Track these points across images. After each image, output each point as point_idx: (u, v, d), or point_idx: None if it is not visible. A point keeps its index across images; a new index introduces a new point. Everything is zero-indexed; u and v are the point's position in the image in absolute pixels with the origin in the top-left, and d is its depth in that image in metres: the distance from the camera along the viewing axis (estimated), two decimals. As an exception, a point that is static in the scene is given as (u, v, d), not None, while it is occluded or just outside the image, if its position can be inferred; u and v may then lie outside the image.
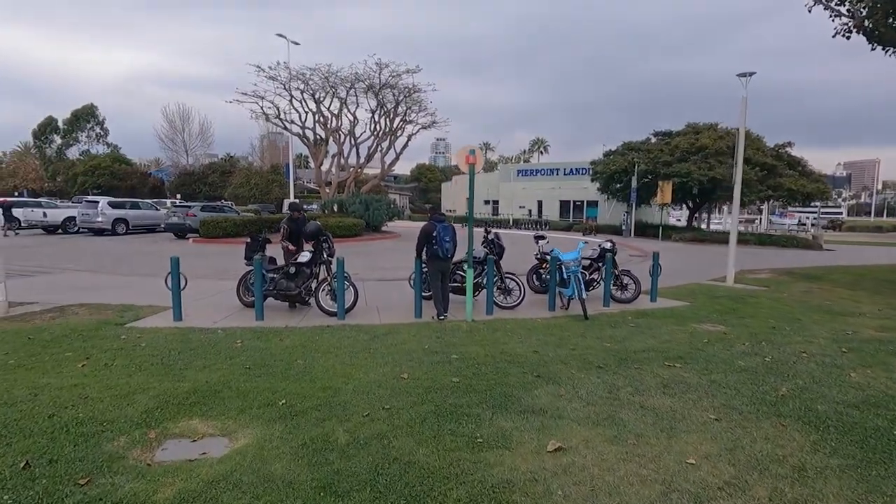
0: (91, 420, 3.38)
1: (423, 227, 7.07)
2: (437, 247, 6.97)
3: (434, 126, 26.84)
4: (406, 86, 23.83)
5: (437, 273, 7.17)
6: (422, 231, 7.05)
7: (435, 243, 6.99)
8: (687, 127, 31.00)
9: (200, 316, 7.01)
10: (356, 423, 3.43)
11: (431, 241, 7.00)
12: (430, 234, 6.99)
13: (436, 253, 7.02)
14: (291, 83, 23.02)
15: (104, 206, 22.38)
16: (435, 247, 7.00)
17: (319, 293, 7.22)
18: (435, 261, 7.10)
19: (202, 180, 53.10)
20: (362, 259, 14.68)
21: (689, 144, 27.54)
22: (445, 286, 7.35)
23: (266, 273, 7.55)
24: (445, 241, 7.04)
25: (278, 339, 5.69)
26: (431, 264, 7.14)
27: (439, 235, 6.99)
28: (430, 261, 7.13)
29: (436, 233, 6.97)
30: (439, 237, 6.98)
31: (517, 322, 6.81)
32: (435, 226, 7.04)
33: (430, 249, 7.03)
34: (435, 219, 7.16)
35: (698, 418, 3.62)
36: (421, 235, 7.05)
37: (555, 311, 7.76)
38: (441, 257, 7.05)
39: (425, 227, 7.05)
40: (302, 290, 7.26)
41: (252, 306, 7.56)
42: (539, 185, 45.67)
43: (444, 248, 7.02)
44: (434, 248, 7.01)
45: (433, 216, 7.21)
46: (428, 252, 7.08)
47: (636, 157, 29.38)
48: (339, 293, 6.86)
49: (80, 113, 61.73)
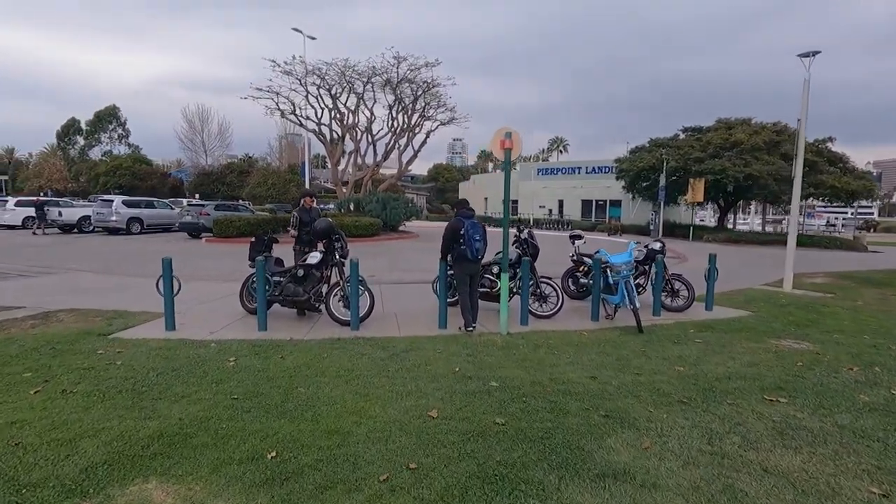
0: (8, 483, 2.48)
1: (450, 224, 6.10)
2: (465, 247, 5.98)
3: (454, 122, 25.87)
4: (425, 80, 22.91)
5: (464, 277, 6.17)
6: (448, 229, 6.08)
7: (463, 243, 5.99)
8: (718, 122, 29.44)
9: (197, 324, 6.15)
10: (370, 494, 2.45)
11: (459, 240, 6.01)
12: (457, 233, 6.00)
13: (464, 254, 6.03)
14: (307, 78, 22.31)
15: (118, 205, 21.97)
16: (463, 247, 6.01)
17: (331, 299, 6.30)
18: (463, 263, 6.12)
19: (220, 180, 53.15)
20: (379, 260, 13.78)
21: (722, 140, 26.03)
22: (474, 292, 6.37)
23: (271, 276, 6.67)
24: (475, 240, 6.03)
25: (279, 356, 4.77)
26: (459, 267, 6.16)
27: (468, 234, 5.99)
28: (457, 263, 6.15)
29: (464, 230, 5.98)
30: (468, 236, 5.99)
31: (560, 336, 5.77)
32: (462, 222, 6.05)
33: (458, 250, 6.05)
34: (462, 214, 6.18)
35: (854, 493, 2.55)
36: (447, 234, 6.08)
37: (598, 321, 6.71)
38: (470, 259, 6.05)
39: (452, 224, 6.08)
40: (311, 295, 6.35)
41: (253, 312, 6.71)
42: (560, 183, 44.35)
43: (473, 248, 6.02)
44: (462, 248, 6.02)
45: (460, 211, 6.22)
46: (454, 253, 6.10)
47: (665, 154, 27.95)
48: (353, 300, 5.93)
49: (102, 114, 62.52)
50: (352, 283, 5.92)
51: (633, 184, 30.61)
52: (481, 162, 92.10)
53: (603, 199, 42.31)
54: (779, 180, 23.89)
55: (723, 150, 25.74)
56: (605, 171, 42.36)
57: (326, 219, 6.53)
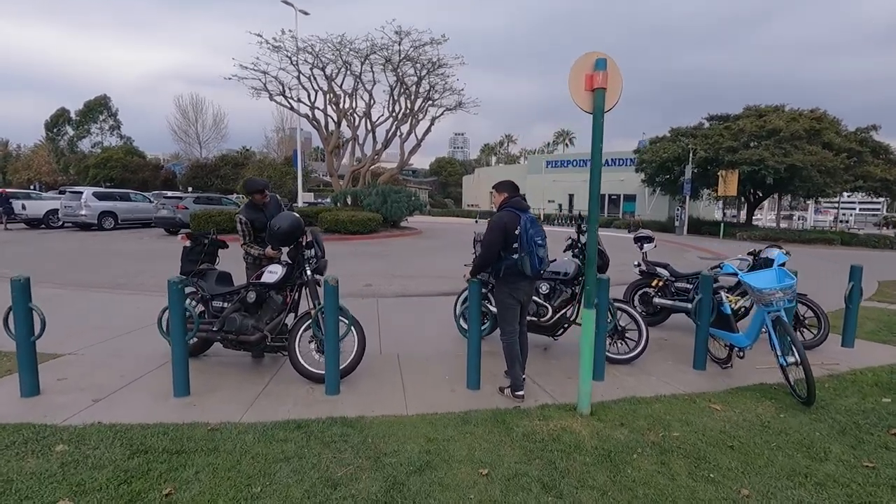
0: None
1: (498, 219, 3.75)
2: (523, 255, 3.65)
3: (461, 108, 23.48)
4: (430, 59, 20.51)
5: (513, 304, 3.85)
6: (496, 227, 3.72)
7: (520, 249, 3.67)
8: (746, 110, 27.07)
9: (84, 379, 3.89)
10: None
11: (512, 245, 3.71)
12: (511, 233, 3.70)
13: (518, 268, 3.69)
14: (299, 56, 19.93)
15: (89, 197, 19.68)
16: (516, 256, 3.68)
17: (297, 339, 4.02)
18: (516, 282, 3.79)
19: (214, 173, 51.10)
20: (378, 262, 11.50)
21: (757, 128, 23.62)
22: (524, 328, 4.10)
23: (209, 301, 4.39)
24: (538, 244, 3.70)
25: (168, 483, 2.49)
26: (507, 288, 3.82)
27: (527, 235, 3.66)
28: (505, 282, 3.81)
29: (520, 230, 3.67)
30: (527, 238, 3.66)
31: (678, 412, 3.44)
32: (518, 217, 3.73)
33: (507, 262, 3.73)
34: (514, 205, 3.85)
35: None
36: (494, 235, 3.71)
37: (703, 368, 4.44)
38: (529, 275, 3.71)
39: (503, 219, 3.73)
40: (267, 332, 4.07)
41: (193, 353, 4.48)
42: (571, 177, 42.04)
43: (535, 257, 3.68)
44: (515, 257, 3.69)
45: (510, 201, 3.87)
46: (501, 267, 3.78)
47: (691, 143, 25.57)
48: (329, 346, 3.64)
49: (92, 104, 60.08)
50: (327, 318, 3.64)
51: (654, 176, 28.26)
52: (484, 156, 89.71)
53: (617, 193, 40.07)
54: (823, 172, 21.52)
55: (758, 139, 23.36)
56: (620, 163, 40.01)
57: (291, 214, 4.21)
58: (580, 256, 5.00)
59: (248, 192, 4.57)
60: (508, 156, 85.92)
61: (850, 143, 23.27)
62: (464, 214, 44.75)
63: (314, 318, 3.69)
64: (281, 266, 4.22)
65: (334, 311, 3.61)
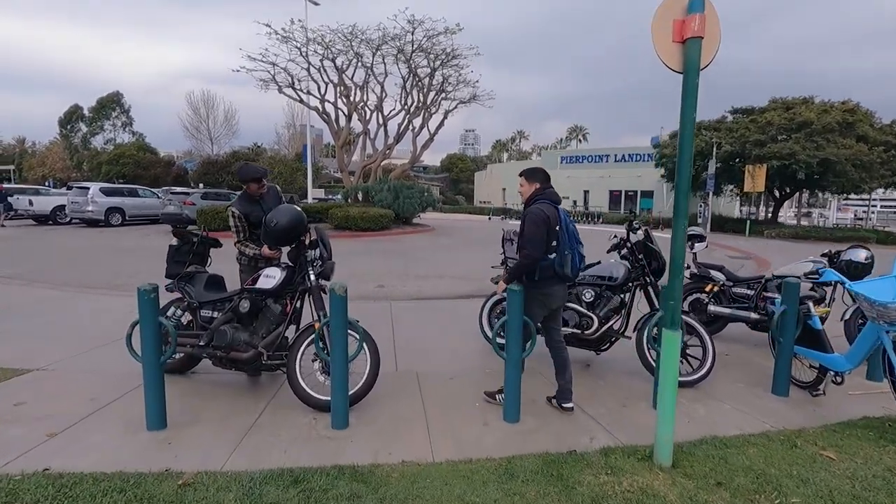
0: None
1: (539, 211, 3.15)
2: (566, 254, 3.12)
3: (476, 101, 22.69)
4: (444, 49, 19.75)
5: (543, 309, 3.29)
6: (540, 219, 3.12)
7: (560, 247, 3.15)
8: (772, 102, 25.90)
9: (41, 409, 3.24)
10: None
11: (551, 241, 3.15)
12: (552, 228, 3.13)
13: (555, 268, 3.14)
14: (308, 47, 19.29)
15: (95, 193, 19.28)
16: (556, 256, 3.13)
17: (298, 357, 3.33)
18: (551, 285, 3.24)
19: (225, 169, 50.91)
20: (391, 261, 10.82)
21: (786, 120, 22.50)
22: (562, 343, 3.43)
23: (196, 310, 3.74)
24: (578, 239, 3.28)
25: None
26: (540, 292, 3.23)
27: (568, 229, 3.17)
28: (540, 285, 3.21)
29: (561, 225, 3.16)
30: (569, 234, 3.17)
31: (778, 457, 2.70)
32: (557, 210, 3.18)
33: (543, 261, 3.16)
34: (549, 197, 3.24)
35: None
36: (540, 230, 3.11)
37: (785, 394, 3.68)
38: (569, 276, 3.18)
39: (543, 212, 3.14)
40: (262, 349, 3.39)
41: (179, 370, 3.88)
42: (586, 172, 41.00)
43: (577, 255, 3.21)
44: (552, 257, 3.15)
45: (543, 192, 3.26)
46: (537, 267, 3.17)
47: (715, 137, 24.50)
48: (337, 370, 2.95)
49: (105, 101, 60.19)
50: (333, 337, 2.95)
51: (675, 172, 27.16)
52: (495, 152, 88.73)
53: (633, 189, 38.93)
54: (858, 167, 20.39)
55: (787, 132, 22.25)
56: (637, 158, 38.97)
57: (291, 207, 3.52)
58: (630, 258, 4.27)
59: (243, 180, 3.86)
60: (520, 152, 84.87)
61: (886, 135, 22.06)
62: (476, 211, 43.97)
63: (317, 336, 2.99)
64: (279, 269, 3.53)
65: (342, 327, 2.92)
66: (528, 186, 3.32)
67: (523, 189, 3.36)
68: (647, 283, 4.18)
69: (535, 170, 3.40)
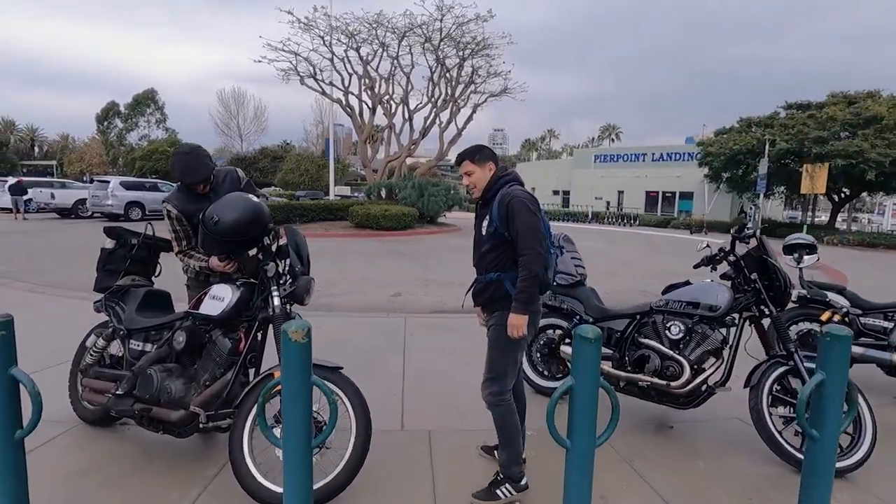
0: None
1: (522, 193, 2.30)
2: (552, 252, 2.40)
3: (507, 93, 21.42)
4: (474, 37, 18.55)
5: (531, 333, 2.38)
6: (532, 202, 2.29)
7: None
8: (832, 97, 23.71)
9: None
10: None
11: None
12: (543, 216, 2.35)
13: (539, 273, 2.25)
14: (332, 35, 18.42)
15: (115, 187, 18.99)
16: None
17: (246, 427, 2.21)
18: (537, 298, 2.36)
19: (253, 165, 51.34)
20: (411, 264, 9.73)
21: (851, 115, 20.36)
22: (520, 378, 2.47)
23: (128, 338, 2.70)
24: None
25: None
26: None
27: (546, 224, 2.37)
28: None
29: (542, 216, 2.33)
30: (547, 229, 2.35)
31: None
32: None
33: None
34: (515, 180, 2.43)
35: None
36: (536, 214, 2.26)
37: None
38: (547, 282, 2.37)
39: (528, 194, 2.33)
40: (198, 408, 2.29)
41: (101, 420, 2.82)
42: (621, 172, 39.05)
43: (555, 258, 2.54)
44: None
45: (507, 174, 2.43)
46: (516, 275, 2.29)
47: (769, 134, 22.48)
48: (292, 462, 1.80)
49: (140, 97, 61.48)
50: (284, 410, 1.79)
51: (720, 172, 25.27)
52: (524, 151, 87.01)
53: (671, 190, 36.81)
54: (939, 166, 18.17)
55: (853, 128, 20.13)
56: (676, 158, 36.83)
57: (244, 197, 2.38)
58: (737, 278, 3.00)
59: (181, 160, 2.68)
60: (550, 151, 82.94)
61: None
62: (504, 211, 42.54)
63: (259, 408, 1.84)
64: (232, 288, 2.44)
65: (301, 391, 1.76)
66: (481, 171, 2.38)
67: (474, 177, 2.38)
68: (761, 314, 2.92)
69: (479, 148, 2.44)
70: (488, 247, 2.32)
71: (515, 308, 2.19)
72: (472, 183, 2.39)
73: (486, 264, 2.34)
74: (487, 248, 2.32)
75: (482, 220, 2.38)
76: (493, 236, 2.29)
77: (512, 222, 2.21)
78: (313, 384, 1.79)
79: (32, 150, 66.76)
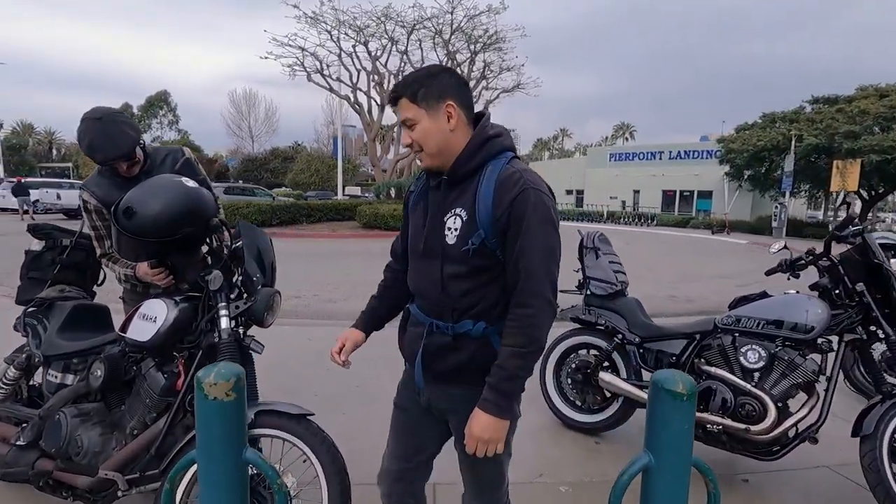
0: None
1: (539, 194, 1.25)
2: None
3: (520, 89, 20.73)
4: (486, 30, 17.91)
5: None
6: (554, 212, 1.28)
7: None
8: (860, 90, 22.64)
9: None
10: None
11: None
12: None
13: None
14: (340, 30, 17.91)
15: (121, 186, 18.67)
16: None
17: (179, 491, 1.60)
18: None
19: (264, 166, 51.34)
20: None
21: (885, 108, 19.31)
22: None
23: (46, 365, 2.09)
24: None
25: None
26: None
27: None
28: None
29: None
30: None
31: None
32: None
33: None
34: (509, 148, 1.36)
35: None
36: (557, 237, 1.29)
37: None
38: None
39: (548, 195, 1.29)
40: (112, 472, 1.68)
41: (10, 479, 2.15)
42: (637, 171, 38.10)
43: None
44: None
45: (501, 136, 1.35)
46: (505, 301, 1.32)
47: (794, 129, 21.48)
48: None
49: (153, 99, 62.02)
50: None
51: (742, 169, 24.30)
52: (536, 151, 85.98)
53: (689, 188, 35.75)
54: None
55: (887, 122, 19.08)
56: (694, 155, 35.76)
57: (174, 180, 1.76)
58: (836, 289, 2.31)
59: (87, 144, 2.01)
60: (562, 151, 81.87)
61: None
62: (516, 211, 41.88)
63: (165, 497, 1.22)
64: (167, 304, 1.81)
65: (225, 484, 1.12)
66: (432, 121, 1.27)
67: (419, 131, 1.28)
68: (870, 336, 2.24)
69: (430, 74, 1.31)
70: (464, 269, 1.30)
71: (491, 404, 1.25)
72: (416, 142, 1.30)
73: (459, 301, 1.32)
74: (463, 272, 1.30)
75: (445, 213, 1.33)
76: (476, 252, 1.28)
77: (518, 234, 1.24)
78: (248, 462, 1.15)
79: (50, 152, 67.57)
